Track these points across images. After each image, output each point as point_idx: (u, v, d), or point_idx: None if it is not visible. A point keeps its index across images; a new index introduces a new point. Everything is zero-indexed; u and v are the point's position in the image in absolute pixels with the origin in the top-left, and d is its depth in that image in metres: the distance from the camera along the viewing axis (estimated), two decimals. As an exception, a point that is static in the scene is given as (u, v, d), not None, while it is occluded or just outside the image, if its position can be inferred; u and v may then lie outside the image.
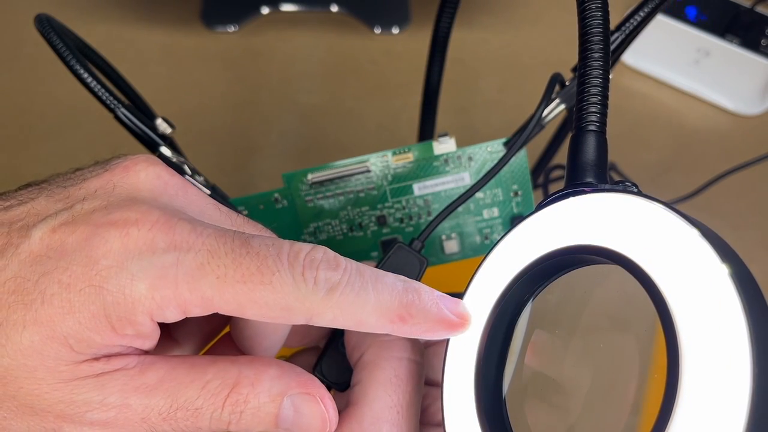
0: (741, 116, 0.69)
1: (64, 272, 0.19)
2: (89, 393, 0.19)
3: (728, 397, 0.14)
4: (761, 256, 0.61)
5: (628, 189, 0.18)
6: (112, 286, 0.19)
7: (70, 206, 0.20)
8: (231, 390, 0.20)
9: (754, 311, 0.14)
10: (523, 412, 0.20)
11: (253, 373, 0.20)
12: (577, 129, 0.20)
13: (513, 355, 0.21)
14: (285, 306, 0.19)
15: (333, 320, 0.20)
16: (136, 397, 0.19)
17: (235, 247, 0.19)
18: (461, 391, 0.20)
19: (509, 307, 0.20)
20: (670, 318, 0.15)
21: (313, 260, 0.19)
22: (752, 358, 0.14)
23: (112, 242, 0.19)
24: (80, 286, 0.18)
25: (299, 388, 0.21)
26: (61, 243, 0.19)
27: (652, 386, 0.17)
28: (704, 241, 0.15)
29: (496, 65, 0.73)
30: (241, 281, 0.19)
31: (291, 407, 0.20)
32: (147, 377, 0.20)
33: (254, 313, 0.19)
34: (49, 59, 0.29)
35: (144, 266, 0.19)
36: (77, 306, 0.18)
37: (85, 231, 0.19)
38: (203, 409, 0.20)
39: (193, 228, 0.19)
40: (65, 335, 0.18)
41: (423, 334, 0.21)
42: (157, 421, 0.19)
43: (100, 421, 0.19)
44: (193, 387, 0.20)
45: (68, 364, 0.19)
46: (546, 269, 0.19)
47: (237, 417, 0.20)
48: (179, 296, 0.19)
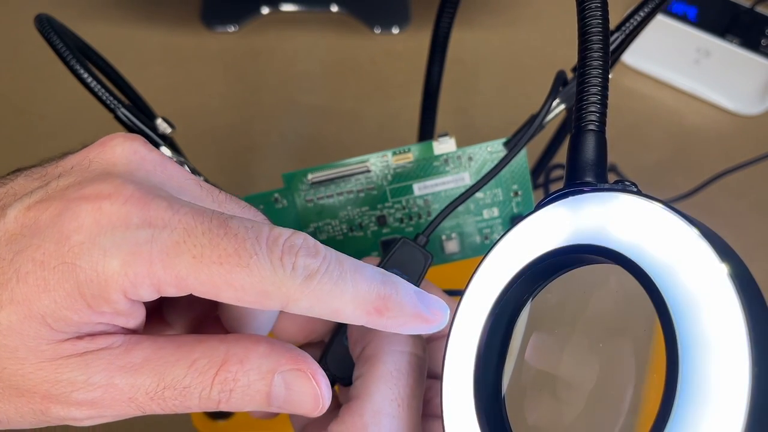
0: (741, 116, 0.69)
1: (37, 250, 0.18)
2: (73, 372, 0.19)
3: (728, 397, 0.14)
4: (761, 256, 0.61)
5: (628, 188, 0.18)
6: (84, 262, 0.18)
7: (46, 184, 0.20)
8: (219, 368, 0.19)
9: (753, 311, 0.14)
10: (521, 410, 0.20)
11: (242, 351, 0.20)
12: (577, 128, 0.20)
13: (512, 354, 0.21)
14: (261, 290, 0.19)
15: (309, 308, 0.19)
16: (121, 377, 0.19)
17: (212, 227, 0.19)
18: (460, 389, 0.20)
19: (508, 306, 0.20)
20: (670, 318, 0.15)
21: (293, 246, 0.19)
22: (752, 358, 0.14)
23: (83, 217, 0.18)
24: (53, 264, 0.18)
25: (290, 365, 0.20)
26: (34, 220, 0.19)
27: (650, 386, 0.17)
28: (704, 240, 0.15)
29: (496, 65, 0.73)
30: (218, 262, 0.18)
31: (282, 384, 0.20)
32: (132, 356, 0.19)
33: (229, 296, 0.19)
34: (49, 59, 0.29)
35: (117, 242, 0.18)
36: (52, 284, 0.18)
37: (58, 207, 0.19)
38: (191, 388, 0.19)
39: (169, 205, 0.19)
40: (42, 314, 0.18)
41: (398, 327, 0.20)
42: (144, 400, 0.19)
43: (87, 401, 0.19)
44: (180, 365, 0.19)
45: (50, 343, 0.18)
46: (545, 269, 0.19)
47: (227, 396, 0.20)
48: (153, 274, 0.18)
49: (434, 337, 0.28)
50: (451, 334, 0.21)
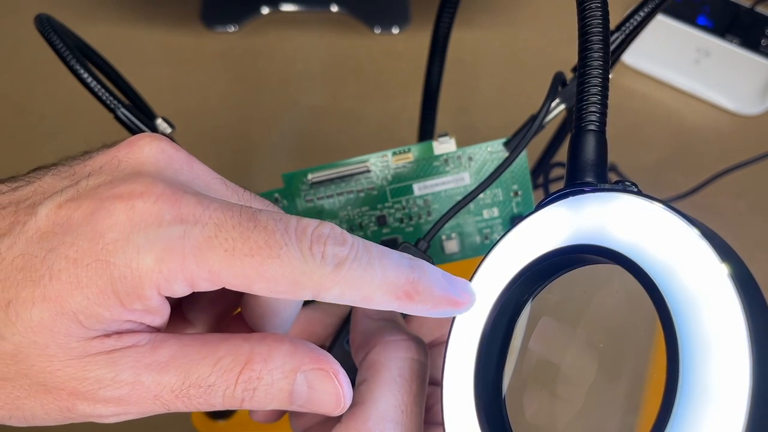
0: (741, 116, 0.69)
1: (70, 247, 0.19)
2: (101, 370, 0.19)
3: (728, 396, 0.14)
4: (761, 256, 0.61)
5: (628, 189, 0.18)
6: (119, 260, 0.18)
7: (76, 183, 0.20)
8: (244, 367, 0.20)
9: (753, 311, 0.14)
10: (522, 411, 0.20)
11: (266, 350, 0.20)
12: (577, 129, 0.20)
13: (512, 355, 0.21)
14: (293, 280, 0.19)
15: (340, 295, 0.20)
16: (148, 374, 0.19)
17: (242, 221, 0.19)
18: (461, 390, 0.20)
19: (509, 306, 0.20)
20: (670, 318, 0.15)
21: (321, 235, 0.19)
22: (752, 357, 0.14)
23: (117, 215, 0.19)
24: (87, 261, 0.18)
25: (313, 364, 0.20)
26: (67, 218, 0.19)
27: (651, 386, 0.17)
28: (704, 240, 0.15)
29: (496, 65, 0.73)
30: (249, 254, 0.19)
31: (305, 383, 0.20)
32: (158, 354, 0.20)
33: (262, 287, 0.19)
34: (49, 59, 0.29)
35: (150, 239, 0.18)
36: (85, 281, 0.18)
37: (90, 205, 0.19)
38: (216, 386, 0.20)
39: (199, 201, 0.19)
40: (74, 311, 0.18)
41: (428, 311, 0.20)
42: (170, 398, 0.19)
43: (113, 399, 0.19)
44: (205, 364, 0.20)
45: (79, 341, 0.19)
46: (545, 269, 0.19)
47: (250, 394, 0.20)
48: (186, 269, 0.18)
49: (434, 344, 0.28)
50: (452, 335, 0.21)
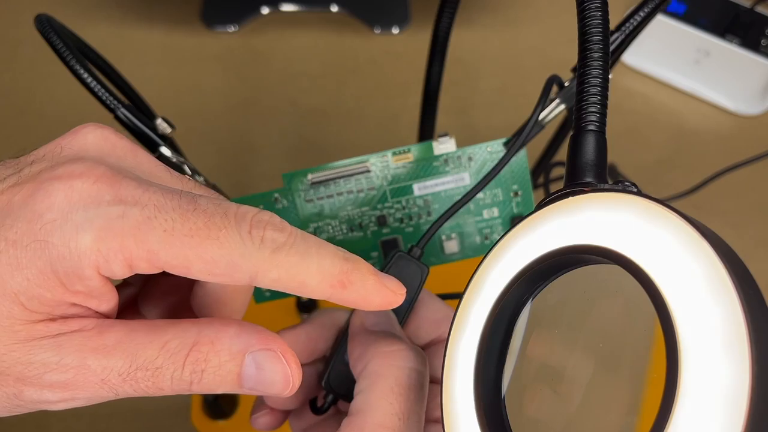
0: (741, 116, 0.69)
1: (9, 229, 0.18)
2: (46, 353, 0.19)
3: (728, 397, 0.14)
4: (761, 256, 0.61)
5: (628, 189, 0.18)
6: (57, 239, 0.18)
7: (19, 171, 0.20)
8: (191, 349, 0.20)
9: (753, 311, 0.14)
10: (522, 411, 0.20)
11: (213, 332, 0.20)
12: (577, 129, 0.20)
13: (512, 355, 0.21)
14: (230, 262, 0.19)
15: (276, 280, 0.20)
16: (94, 358, 0.19)
17: (182, 204, 0.19)
18: (461, 390, 0.20)
19: (509, 306, 0.20)
20: (670, 318, 0.15)
21: (261, 221, 0.20)
22: (752, 358, 0.14)
23: (55, 195, 0.19)
24: (26, 242, 0.18)
25: (261, 345, 0.21)
26: (7, 202, 0.19)
27: (651, 386, 0.17)
28: (704, 240, 0.15)
29: (496, 65, 0.73)
30: (189, 235, 0.19)
31: (253, 364, 0.20)
32: (105, 338, 0.19)
33: (200, 268, 0.19)
34: (49, 59, 0.29)
35: (89, 217, 0.18)
36: (24, 262, 0.18)
37: (30, 188, 0.19)
38: (163, 369, 0.20)
39: (139, 184, 0.19)
40: (15, 292, 0.18)
41: (359, 301, 0.21)
42: (117, 381, 0.19)
43: (59, 383, 0.19)
44: (152, 347, 0.20)
45: (23, 323, 0.19)
46: (545, 269, 0.19)
47: (198, 376, 0.20)
48: (125, 249, 0.18)
49: (433, 342, 0.28)
50: (452, 335, 0.21)
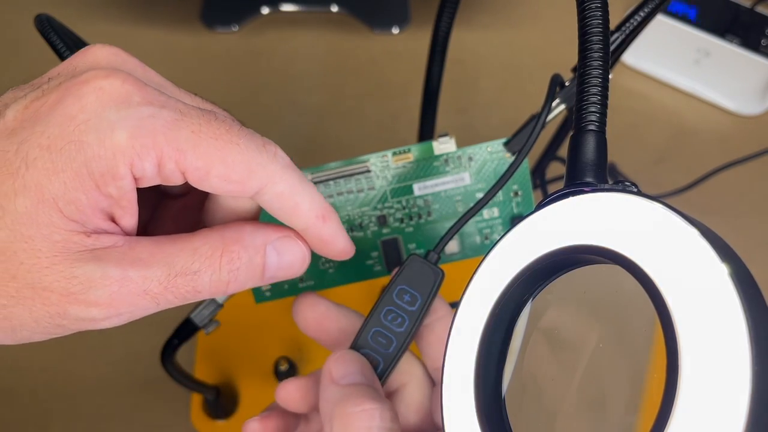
0: (741, 116, 0.69)
1: (41, 135, 0.19)
2: (88, 266, 0.19)
3: (728, 397, 0.14)
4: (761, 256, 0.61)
5: (628, 189, 0.18)
6: (92, 138, 0.19)
7: (37, 87, 0.20)
8: (223, 250, 0.21)
9: (754, 311, 0.14)
10: (522, 411, 0.20)
11: (235, 233, 0.21)
12: (577, 129, 0.20)
13: (512, 355, 0.21)
14: (248, 168, 0.20)
15: (280, 194, 0.22)
16: (134, 270, 0.19)
17: (204, 112, 0.20)
18: (461, 390, 0.20)
19: (509, 306, 0.20)
20: (670, 318, 0.15)
21: (271, 141, 0.22)
22: (752, 358, 0.14)
23: (86, 98, 0.19)
24: (60, 145, 0.18)
25: (278, 234, 0.22)
26: (34, 112, 0.19)
27: (651, 386, 0.17)
28: (704, 240, 0.15)
29: (496, 65, 0.73)
30: (213, 137, 0.20)
31: (274, 253, 0.22)
32: (138, 252, 0.20)
33: (219, 172, 0.20)
34: (49, 59, 0.29)
35: (122, 116, 0.19)
36: (60, 165, 0.18)
37: (56, 96, 0.19)
38: (201, 272, 0.20)
39: (161, 92, 0.20)
40: (54, 197, 0.18)
41: (329, 240, 0.24)
42: (158, 290, 0.20)
43: (104, 298, 0.19)
44: (184, 254, 0.20)
45: (61, 233, 0.19)
46: (545, 269, 0.19)
47: (235, 275, 0.21)
48: (157, 146, 0.19)
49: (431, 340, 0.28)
50: (452, 335, 0.21)
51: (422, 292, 0.26)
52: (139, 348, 0.55)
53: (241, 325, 0.51)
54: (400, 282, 0.26)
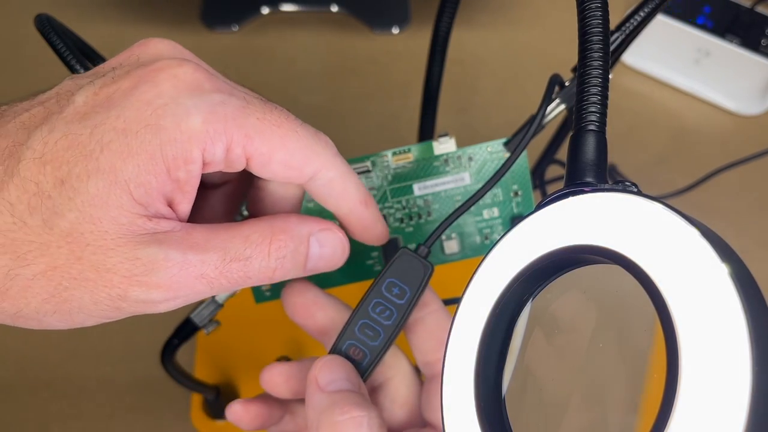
0: (741, 116, 0.69)
1: (117, 119, 0.19)
2: (151, 249, 0.19)
3: (728, 397, 0.14)
4: (761, 256, 0.61)
5: (628, 189, 0.18)
6: (168, 122, 0.19)
7: (101, 76, 0.21)
8: (272, 238, 0.22)
9: (754, 311, 0.14)
10: (522, 411, 0.20)
11: (282, 222, 0.22)
12: (577, 129, 0.20)
13: (512, 355, 0.21)
14: (305, 155, 0.22)
15: (331, 180, 0.23)
16: (192, 254, 0.20)
17: (264, 102, 0.22)
18: (460, 391, 0.20)
19: (509, 306, 0.20)
20: (670, 318, 0.15)
21: (321, 132, 0.23)
22: (752, 358, 0.14)
23: (162, 84, 0.20)
24: (136, 129, 0.19)
25: (320, 226, 0.23)
26: (107, 97, 0.20)
27: (651, 386, 0.17)
28: (704, 240, 0.15)
29: (496, 65, 0.73)
30: (276, 125, 0.21)
31: (317, 244, 0.23)
32: (194, 237, 0.21)
33: (280, 158, 0.21)
34: (49, 59, 0.29)
35: (196, 102, 0.20)
36: (135, 148, 0.19)
37: (130, 82, 0.20)
38: (252, 259, 0.21)
39: (226, 79, 0.22)
40: (126, 180, 0.19)
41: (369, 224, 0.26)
42: (214, 275, 0.20)
43: (165, 281, 0.20)
44: (237, 241, 0.21)
45: (128, 216, 0.19)
46: (546, 269, 0.19)
47: (281, 262, 0.22)
48: (228, 132, 0.20)
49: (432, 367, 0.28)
50: (452, 335, 0.21)
51: (411, 286, 0.26)
52: (139, 348, 0.55)
53: (241, 325, 0.51)
54: (390, 275, 0.26)
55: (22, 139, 0.19)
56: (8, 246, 0.19)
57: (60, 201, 0.19)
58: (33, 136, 0.19)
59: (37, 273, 0.19)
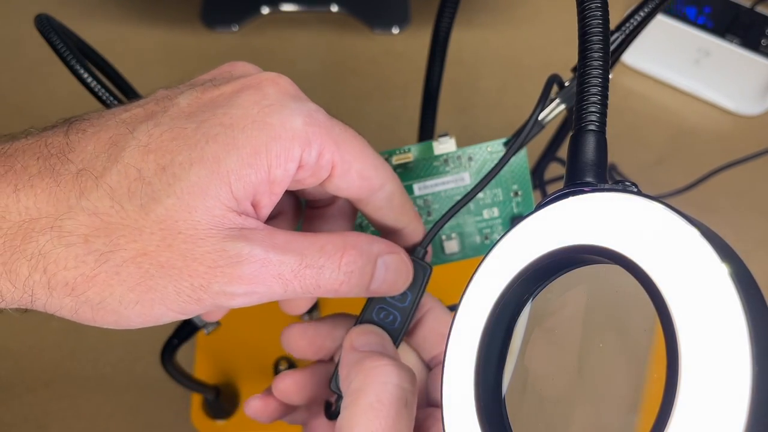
0: (741, 116, 0.69)
1: (224, 116, 0.20)
2: (238, 243, 0.20)
3: (728, 396, 0.14)
4: (761, 256, 0.61)
5: (628, 189, 0.18)
6: (275, 120, 0.20)
7: (201, 84, 0.22)
8: (344, 252, 0.22)
9: (754, 311, 0.14)
10: (522, 412, 0.20)
11: (354, 239, 0.23)
12: (577, 129, 0.20)
13: (512, 355, 0.21)
14: (375, 167, 0.23)
15: (392, 193, 0.25)
16: (274, 252, 0.21)
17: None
18: (461, 391, 0.20)
19: (509, 306, 0.20)
20: (670, 318, 0.15)
21: None
22: (752, 357, 0.14)
23: (267, 89, 0.21)
24: (243, 124, 0.20)
25: (389, 249, 0.24)
26: (211, 99, 0.21)
27: (651, 386, 0.17)
28: (704, 240, 0.15)
29: (496, 65, 0.73)
30: (353, 137, 0.23)
31: (383, 267, 0.24)
32: (276, 239, 0.21)
33: (358, 167, 0.23)
34: (49, 59, 0.29)
35: (298, 106, 0.21)
36: (241, 142, 0.20)
37: (233, 88, 0.21)
38: (325, 268, 0.22)
39: None
40: (228, 171, 0.20)
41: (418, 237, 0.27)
42: (289, 277, 0.21)
43: (247, 275, 0.20)
44: (313, 249, 0.22)
45: (222, 208, 0.20)
46: (546, 269, 0.19)
47: (348, 277, 0.22)
48: (322, 135, 0.21)
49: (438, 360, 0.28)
50: (452, 335, 0.21)
51: (412, 288, 0.26)
52: (139, 348, 0.55)
53: (241, 325, 0.51)
54: None
55: (125, 132, 0.20)
56: (103, 230, 0.19)
57: (159, 187, 0.19)
58: (138, 129, 0.20)
59: (127, 259, 0.19)
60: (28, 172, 0.19)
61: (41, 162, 0.19)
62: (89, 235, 0.19)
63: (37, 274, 0.19)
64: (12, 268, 0.19)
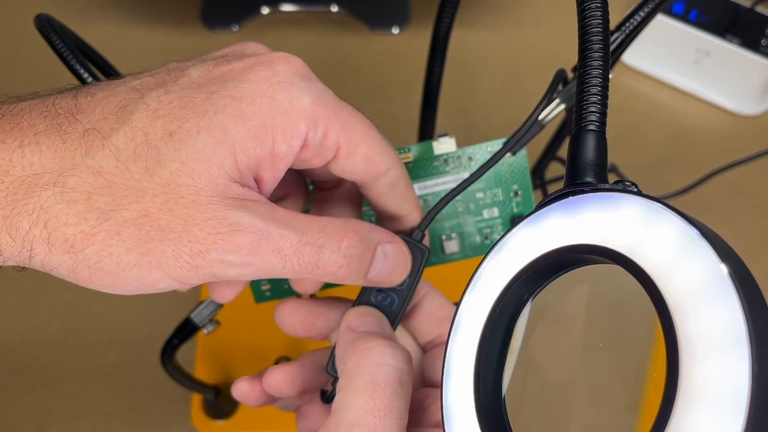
0: (741, 116, 0.69)
1: (234, 89, 0.20)
2: (239, 212, 0.20)
3: (728, 397, 0.14)
4: (761, 256, 0.61)
5: (628, 189, 0.18)
6: (284, 96, 0.21)
7: (213, 58, 0.22)
8: (345, 235, 0.22)
9: (753, 311, 0.14)
10: (522, 411, 0.20)
11: (355, 224, 0.23)
12: (577, 128, 0.20)
13: (512, 355, 0.21)
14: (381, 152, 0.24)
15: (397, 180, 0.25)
16: (275, 226, 0.21)
17: None
18: (460, 390, 0.20)
19: (509, 306, 0.20)
20: (670, 318, 0.15)
21: None
22: (752, 357, 0.14)
23: (278, 66, 0.21)
24: (251, 98, 0.20)
25: (389, 239, 0.24)
26: (222, 73, 0.21)
27: (651, 386, 0.17)
28: (704, 240, 0.15)
29: (497, 65, 0.73)
30: (361, 120, 0.23)
31: (382, 255, 0.24)
32: (277, 213, 0.21)
33: (364, 151, 0.23)
34: (49, 59, 0.29)
35: (307, 86, 0.21)
36: (249, 114, 0.20)
37: (244, 64, 0.21)
38: (325, 248, 0.22)
39: None
40: (234, 141, 0.20)
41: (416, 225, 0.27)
42: (288, 253, 0.21)
43: (245, 245, 0.20)
44: (315, 228, 0.22)
45: (225, 177, 0.20)
46: (545, 269, 0.19)
47: (348, 260, 0.22)
48: (328, 116, 0.22)
49: (433, 344, 0.28)
50: (451, 335, 0.21)
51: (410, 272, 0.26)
52: (139, 348, 0.55)
53: (241, 325, 0.51)
54: None
55: (136, 97, 0.20)
56: (106, 188, 0.19)
57: (165, 151, 0.19)
58: (148, 95, 0.20)
59: (128, 219, 0.19)
60: (34, 130, 0.19)
61: (48, 120, 0.20)
62: (92, 193, 0.19)
63: (37, 228, 0.19)
64: (12, 222, 0.18)
